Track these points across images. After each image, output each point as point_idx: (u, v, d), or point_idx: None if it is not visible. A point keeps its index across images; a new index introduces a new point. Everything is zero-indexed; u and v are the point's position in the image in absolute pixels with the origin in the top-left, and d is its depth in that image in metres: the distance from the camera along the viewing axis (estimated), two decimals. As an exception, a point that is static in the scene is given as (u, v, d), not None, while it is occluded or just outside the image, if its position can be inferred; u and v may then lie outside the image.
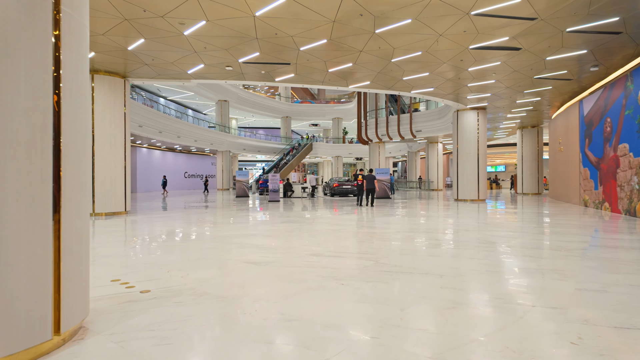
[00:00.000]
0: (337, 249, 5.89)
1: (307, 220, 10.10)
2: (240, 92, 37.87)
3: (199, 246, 6.22)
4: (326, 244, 6.28)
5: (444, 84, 13.12)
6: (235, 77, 12.10)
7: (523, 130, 24.30)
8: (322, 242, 6.53)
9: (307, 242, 6.54)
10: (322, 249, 5.88)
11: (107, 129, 11.62)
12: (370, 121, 29.34)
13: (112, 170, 11.71)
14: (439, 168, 32.56)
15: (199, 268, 4.64)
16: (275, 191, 18.08)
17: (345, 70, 11.38)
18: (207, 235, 7.53)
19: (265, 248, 6.01)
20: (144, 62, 10.58)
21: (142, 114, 24.74)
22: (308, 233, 7.61)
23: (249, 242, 6.52)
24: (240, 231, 8.00)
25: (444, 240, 6.68)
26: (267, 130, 50.49)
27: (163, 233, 7.94)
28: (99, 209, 11.49)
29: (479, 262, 4.92)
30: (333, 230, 8.05)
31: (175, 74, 11.69)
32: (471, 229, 8.07)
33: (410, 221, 9.76)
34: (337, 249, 5.89)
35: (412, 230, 8.07)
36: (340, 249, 5.84)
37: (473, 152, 17.46)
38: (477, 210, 12.87)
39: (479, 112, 17.40)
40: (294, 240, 6.78)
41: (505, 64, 10.94)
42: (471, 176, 17.46)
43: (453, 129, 18.31)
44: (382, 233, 7.56)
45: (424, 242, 6.44)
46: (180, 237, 7.37)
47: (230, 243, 6.47)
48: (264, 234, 7.50)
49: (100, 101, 11.49)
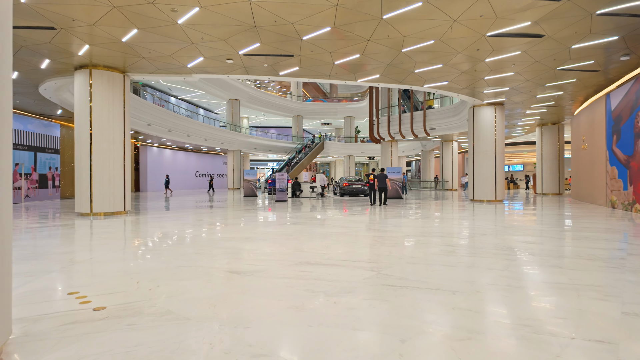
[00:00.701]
0: (337, 255, 5.24)
1: (312, 222, 9.48)
2: (251, 91, 37.49)
3: (186, 251, 5.66)
4: (326, 250, 5.64)
5: (459, 77, 12.32)
6: (237, 72, 11.55)
7: (543, 128, 23.18)
8: (322, 247, 5.90)
9: (305, 247, 5.92)
10: (320, 255, 5.24)
11: (105, 125, 11.21)
12: (383, 119, 28.55)
13: (111, 168, 11.30)
14: (454, 167, 31.54)
15: (174, 278, 4.06)
16: (282, 191, 17.52)
17: (353, 62, 10.70)
18: (200, 238, 6.97)
19: (257, 254, 5.40)
20: (141, 55, 10.12)
21: (151, 112, 24.50)
22: (309, 237, 6.98)
23: (241, 247, 5.93)
24: (236, 234, 7.42)
25: (458, 246, 5.96)
26: (278, 130, 50.03)
27: (155, 235, 7.42)
28: (97, 208, 11.09)
29: (499, 274, 4.22)
30: (337, 233, 7.40)
31: (175, 68, 11.21)
32: (488, 233, 7.32)
33: (422, 223, 9.04)
34: (337, 255, 5.24)
35: (423, 234, 7.36)
36: (341, 256, 5.19)
37: (490, 150, 16.55)
38: (495, 212, 12.05)
39: (496, 107, 16.48)
40: (291, 244, 6.16)
41: (526, 54, 10.11)
42: (488, 175, 16.56)
43: (469, 126, 17.43)
44: (390, 237, 6.88)
45: (435, 249, 5.74)
46: (171, 240, 6.83)
47: (221, 247, 5.89)
48: (260, 238, 6.90)
49: (98, 97, 11.08)
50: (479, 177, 16.80)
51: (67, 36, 8.70)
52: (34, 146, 18.38)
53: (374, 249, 5.72)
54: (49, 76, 12.00)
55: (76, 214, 11.31)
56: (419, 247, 5.86)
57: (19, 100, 15.38)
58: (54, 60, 10.43)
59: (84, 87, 11.05)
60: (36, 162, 18.58)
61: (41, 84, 12.73)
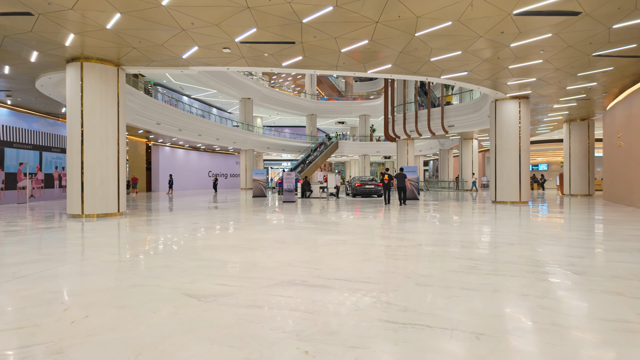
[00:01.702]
0: (329, 271, 4.29)
1: (315, 226, 8.54)
2: (264, 90, 36.84)
3: (154, 263, 4.80)
4: (320, 263, 4.69)
5: (480, 66, 11.16)
6: (237, 63, 10.70)
7: (571, 124, 21.59)
8: (315, 260, 4.95)
9: (297, 258, 4.98)
10: (310, 271, 4.30)
11: (98, 122, 10.54)
12: (398, 116, 27.37)
13: (103, 167, 10.62)
14: (474, 167, 30.04)
15: (113, 305, 3.19)
16: (290, 191, 16.63)
17: (361, 49, 9.71)
18: (181, 245, 6.13)
19: (236, 268, 4.50)
20: (131, 45, 9.38)
21: (160, 111, 24.03)
22: (305, 245, 6.04)
23: (222, 258, 5.03)
24: (224, 240, 6.54)
25: (481, 260, 4.91)
26: (292, 129, 49.27)
27: (136, 241, 6.62)
28: (89, 210, 10.43)
29: (537, 303, 3.18)
30: (338, 241, 6.43)
31: (170, 60, 10.44)
32: (516, 242, 6.23)
33: (439, 229, 7.98)
34: (330, 272, 4.29)
35: (439, 242, 6.32)
36: (334, 273, 4.23)
37: (514, 148, 15.26)
38: (520, 215, 10.85)
39: (520, 101, 15.18)
40: (281, 255, 5.23)
41: (557, 37, 8.91)
42: (511, 175, 15.27)
43: (490, 122, 16.17)
44: (400, 246, 5.88)
45: (452, 263, 4.71)
46: (148, 248, 6.01)
47: (198, 259, 5.00)
48: (249, 246, 6.00)
49: (89, 91, 10.42)
50: (501, 177, 15.52)
51: (49, 23, 8.01)
52: (40, 145, 18.03)
53: (379, 263, 4.74)
54: (43, 71, 11.43)
55: (68, 216, 10.68)
56: (433, 261, 4.84)
57: (20, 97, 14.97)
58: (42, 52, 9.80)
59: (75, 81, 10.40)
60: (41, 161, 18.23)
61: (37, 80, 12.19)
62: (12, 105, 16.27)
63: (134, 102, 20.57)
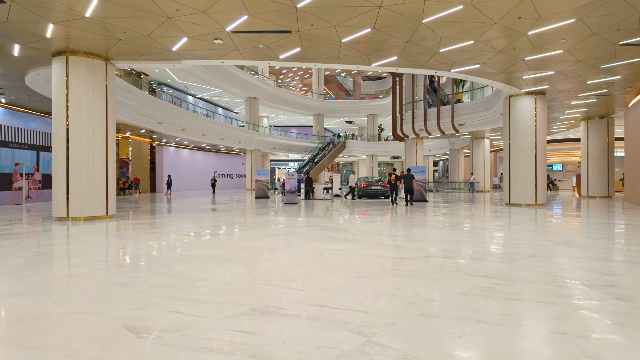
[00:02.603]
0: (315, 294, 3.54)
1: (311, 232, 7.79)
2: (270, 89, 36.25)
3: (112, 279, 4.10)
4: (305, 282, 3.95)
5: (494, 57, 10.30)
6: (231, 56, 10.00)
7: (589, 122, 20.51)
8: (302, 276, 4.20)
9: (279, 275, 4.24)
10: (290, 293, 3.56)
11: (84, 119, 9.94)
12: (407, 115, 26.48)
13: (90, 167, 10.02)
14: (486, 167, 29.02)
15: (22, 345, 2.47)
16: (292, 192, 15.90)
17: (364, 39, 8.94)
18: (153, 256, 5.43)
19: (200, 288, 3.77)
20: (116, 37, 8.74)
21: (162, 110, 23.53)
22: (294, 256, 5.30)
23: (191, 274, 4.30)
24: (204, 249, 5.82)
25: (499, 278, 4.11)
26: (299, 129, 48.59)
27: (109, 250, 5.95)
28: (75, 212, 9.83)
29: (580, 348, 2.39)
30: (333, 251, 5.68)
31: (160, 53, 9.79)
32: (538, 254, 5.40)
33: (448, 237, 7.17)
34: (316, 294, 3.54)
35: (449, 253, 5.52)
36: (321, 296, 3.48)
37: (529, 147, 14.33)
38: (538, 220, 9.97)
39: (536, 97, 14.24)
40: (262, 270, 4.50)
41: (581, 22, 8.03)
42: (527, 175, 14.34)
43: (504, 120, 15.25)
44: (403, 259, 5.10)
45: (465, 282, 3.93)
46: (117, 258, 5.33)
47: (164, 274, 4.29)
48: (229, 257, 5.27)
49: (75, 86, 9.82)
50: (516, 177, 14.60)
51: (24, 12, 7.39)
52: (37, 145, 17.60)
53: (377, 281, 3.97)
54: (31, 66, 10.88)
55: (54, 219, 10.09)
56: (442, 279, 4.05)
57: (13, 95, 14.51)
58: (25, 46, 9.22)
59: (61, 76, 9.82)
60: (39, 161, 17.80)
61: (25, 76, 11.66)
62: (6, 103, 15.83)
63: (134, 101, 20.08)
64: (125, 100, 19.20)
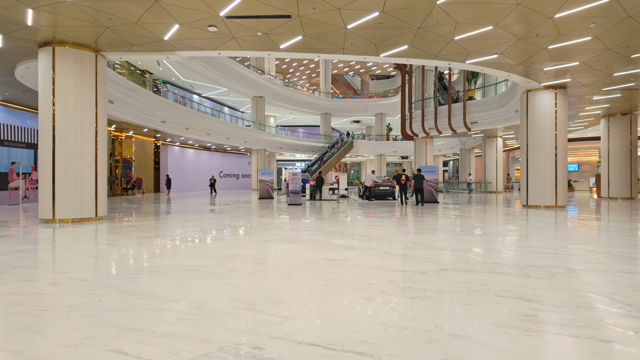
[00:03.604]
0: (304, 325, 2.76)
1: (311, 236, 7.01)
2: (276, 88, 35.59)
3: (57, 301, 3.37)
4: (293, 308, 3.17)
5: (513, 47, 9.43)
6: (227, 46, 9.27)
7: (610, 119, 19.41)
8: (292, 297, 3.43)
9: (263, 296, 3.48)
10: (271, 328, 2.79)
11: (72, 114, 9.29)
12: (416, 113, 25.58)
13: (78, 165, 9.37)
14: (498, 167, 27.96)
15: None
16: (296, 193, 15.14)
17: (371, 25, 8.13)
18: (125, 266, 4.71)
19: (164, 314, 3.02)
20: (102, 24, 8.07)
21: (164, 108, 22.96)
22: (286, 269, 4.53)
23: (158, 292, 3.55)
24: (184, 258, 5.07)
25: (539, 301, 3.29)
26: (307, 129, 47.87)
27: (80, 258, 5.25)
28: (61, 214, 9.19)
29: None
30: (334, 262, 4.89)
31: (151, 42, 9.11)
32: (577, 266, 4.55)
33: (467, 244, 6.34)
34: (305, 327, 2.76)
35: (471, 266, 4.70)
36: (312, 328, 2.71)
37: (549, 145, 13.38)
38: (562, 224, 9.07)
39: (557, 92, 13.29)
40: (244, 288, 3.74)
41: (616, 3, 7.15)
42: (546, 175, 13.40)
43: (521, 116, 14.32)
44: (416, 273, 4.30)
45: (497, 308, 3.12)
46: (84, 270, 4.62)
47: (124, 293, 3.55)
48: (211, 269, 4.51)
49: (62, 79, 9.19)
50: (534, 177, 13.66)
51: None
52: (34, 143, 17.09)
53: (385, 306, 3.18)
54: (19, 59, 10.29)
55: (40, 221, 9.47)
56: (468, 303, 3.25)
57: (7, 92, 13.99)
58: (8, 35, 8.61)
59: (47, 68, 9.19)
60: (36, 160, 17.29)
61: (15, 70, 11.08)
62: (2, 101, 15.34)
63: (135, 99, 19.52)
64: (126, 98, 18.64)
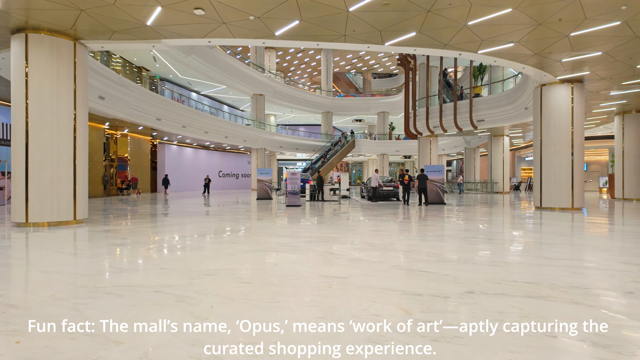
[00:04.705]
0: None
1: (307, 245, 6.16)
2: (277, 86, 34.77)
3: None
4: (270, 355, 2.34)
5: (532, 33, 8.55)
6: (217, 32, 8.41)
7: (625, 117, 18.48)
8: (273, 339, 2.58)
9: (239, 335, 2.63)
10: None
11: (47, 107, 8.47)
12: (420, 111, 24.68)
13: (55, 164, 8.55)
14: (505, 167, 27.06)
15: None
16: (294, 194, 14.29)
17: (376, 7, 7.28)
18: (75, 286, 3.88)
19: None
20: (77, 7, 7.25)
21: (159, 105, 22.16)
22: (273, 292, 3.69)
23: (100, 328, 2.72)
24: (152, 276, 4.24)
25: (609, 346, 2.45)
26: (308, 128, 47.00)
27: (33, 274, 4.42)
28: (36, 217, 8.37)
29: None
30: (330, 281, 4.04)
31: (133, 29, 8.27)
32: (634, 287, 3.70)
33: (488, 255, 5.48)
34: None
35: (502, 287, 3.83)
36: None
37: (564, 142, 12.49)
38: (584, 228, 8.20)
39: (573, 85, 12.41)
40: (218, 320, 2.89)
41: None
42: (562, 175, 12.51)
43: (534, 112, 13.43)
44: (435, 297, 3.43)
45: (558, 358, 2.27)
46: (27, 289, 3.79)
47: (55, 327, 2.73)
48: (179, 292, 3.67)
49: (36, 70, 8.36)
50: (548, 177, 12.78)
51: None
52: (21, 141, 16.29)
53: (390, 352, 2.34)
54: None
55: (13, 224, 8.64)
56: (510, 351, 2.40)
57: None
58: (-25, 21, 7.81)
59: (19, 57, 8.37)
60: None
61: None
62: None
63: (128, 95, 18.72)
64: (118, 94, 17.85)
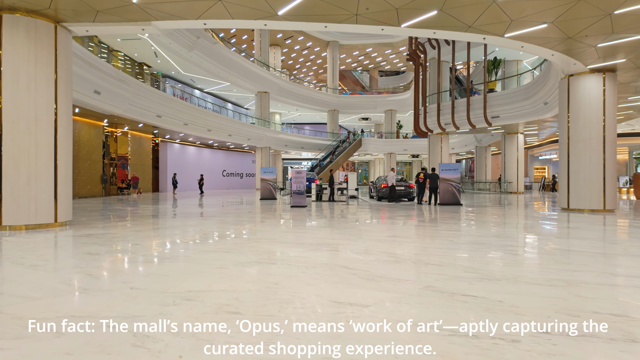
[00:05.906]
0: None
1: (313, 256, 5.20)
2: (282, 83, 33.88)
3: None
4: None
5: (570, 12, 7.50)
6: (214, 13, 7.47)
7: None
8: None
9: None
10: None
11: (24, 97, 7.58)
12: (431, 107, 23.63)
13: (32, 160, 7.66)
14: (519, 165, 25.90)
15: None
16: (299, 193, 13.34)
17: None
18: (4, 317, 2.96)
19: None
20: (51, -20, 6.36)
21: (160, 102, 21.38)
22: (265, 336, 2.74)
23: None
24: (119, 301, 3.29)
25: None
26: (313, 126, 46.03)
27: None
28: (10, 219, 7.49)
29: None
30: (340, 316, 3.05)
31: (119, 8, 7.35)
32: None
33: (530, 272, 4.46)
34: None
35: (559, 316, 2.83)
36: None
37: (595, 138, 11.41)
38: (624, 232, 7.15)
39: (605, 75, 11.33)
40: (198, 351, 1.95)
41: None
42: (592, 174, 11.42)
43: (560, 105, 12.35)
44: (475, 347, 2.47)
45: None
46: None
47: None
48: (144, 326, 2.75)
49: (11, 55, 7.48)
50: (576, 176, 11.69)
51: None
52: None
53: None
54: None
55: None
56: None
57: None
58: (-58, -1, 6.95)
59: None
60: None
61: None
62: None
63: (126, 90, 17.94)
64: (115, 88, 17.07)
